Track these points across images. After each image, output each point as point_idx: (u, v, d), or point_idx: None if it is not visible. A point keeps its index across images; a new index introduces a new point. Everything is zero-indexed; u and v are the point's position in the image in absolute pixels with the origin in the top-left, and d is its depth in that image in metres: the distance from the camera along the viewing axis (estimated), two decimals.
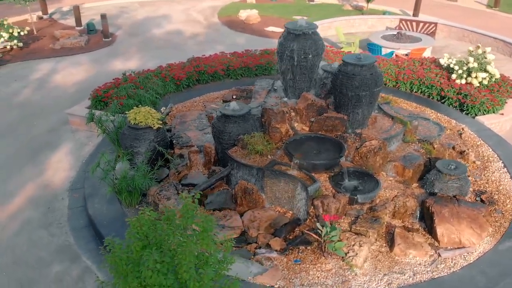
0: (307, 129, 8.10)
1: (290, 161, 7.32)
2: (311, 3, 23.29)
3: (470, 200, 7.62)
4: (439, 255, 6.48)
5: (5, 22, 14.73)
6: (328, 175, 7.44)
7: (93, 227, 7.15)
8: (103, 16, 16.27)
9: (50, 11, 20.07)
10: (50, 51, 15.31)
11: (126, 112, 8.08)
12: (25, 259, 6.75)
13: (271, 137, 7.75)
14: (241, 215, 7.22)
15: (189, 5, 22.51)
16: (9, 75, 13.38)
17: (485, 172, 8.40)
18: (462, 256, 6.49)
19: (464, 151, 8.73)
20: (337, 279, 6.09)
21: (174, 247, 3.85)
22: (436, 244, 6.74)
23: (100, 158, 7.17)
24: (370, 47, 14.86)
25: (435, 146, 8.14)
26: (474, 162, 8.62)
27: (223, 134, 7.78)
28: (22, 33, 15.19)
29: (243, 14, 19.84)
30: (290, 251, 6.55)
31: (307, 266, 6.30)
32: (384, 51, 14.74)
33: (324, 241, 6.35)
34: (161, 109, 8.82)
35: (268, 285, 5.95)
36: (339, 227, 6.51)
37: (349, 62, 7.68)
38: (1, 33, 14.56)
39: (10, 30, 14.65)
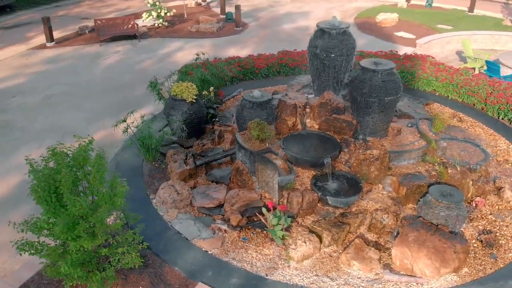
0: (317, 126, 8.21)
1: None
2: (469, 13, 21.33)
3: (471, 236, 6.85)
4: (383, 276, 6.15)
5: (157, 3, 17.58)
6: (315, 173, 7.54)
7: (117, 169, 8.73)
8: (237, 7, 18.01)
9: None
10: (186, 32, 17.73)
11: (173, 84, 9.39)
12: None
13: (279, 127, 8.15)
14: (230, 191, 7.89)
15: (336, 5, 22.94)
16: (145, 48, 16.12)
17: None
18: (408, 284, 6.03)
19: (503, 187, 7.69)
20: (267, 264, 6.37)
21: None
22: (393, 265, 6.37)
23: (128, 116, 8.62)
24: (489, 65, 13.30)
25: (449, 171, 7.39)
26: (509, 202, 7.54)
27: (240, 117, 8.49)
28: (168, 14, 17.91)
29: (380, 17, 19.46)
30: (247, 230, 7.00)
31: (250, 245, 6.69)
32: (506, 72, 13.06)
33: (268, 226, 6.64)
34: (210, 89, 9.85)
35: (203, 249, 6.59)
36: (284, 217, 6.65)
37: (363, 66, 7.53)
38: (152, 12, 17.48)
39: (159, 11, 17.45)
